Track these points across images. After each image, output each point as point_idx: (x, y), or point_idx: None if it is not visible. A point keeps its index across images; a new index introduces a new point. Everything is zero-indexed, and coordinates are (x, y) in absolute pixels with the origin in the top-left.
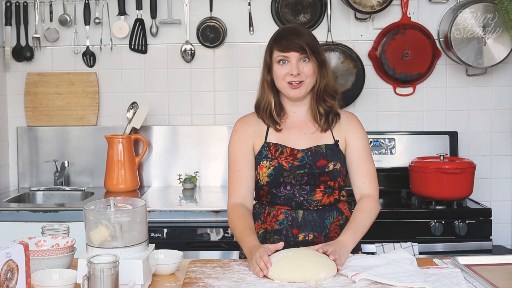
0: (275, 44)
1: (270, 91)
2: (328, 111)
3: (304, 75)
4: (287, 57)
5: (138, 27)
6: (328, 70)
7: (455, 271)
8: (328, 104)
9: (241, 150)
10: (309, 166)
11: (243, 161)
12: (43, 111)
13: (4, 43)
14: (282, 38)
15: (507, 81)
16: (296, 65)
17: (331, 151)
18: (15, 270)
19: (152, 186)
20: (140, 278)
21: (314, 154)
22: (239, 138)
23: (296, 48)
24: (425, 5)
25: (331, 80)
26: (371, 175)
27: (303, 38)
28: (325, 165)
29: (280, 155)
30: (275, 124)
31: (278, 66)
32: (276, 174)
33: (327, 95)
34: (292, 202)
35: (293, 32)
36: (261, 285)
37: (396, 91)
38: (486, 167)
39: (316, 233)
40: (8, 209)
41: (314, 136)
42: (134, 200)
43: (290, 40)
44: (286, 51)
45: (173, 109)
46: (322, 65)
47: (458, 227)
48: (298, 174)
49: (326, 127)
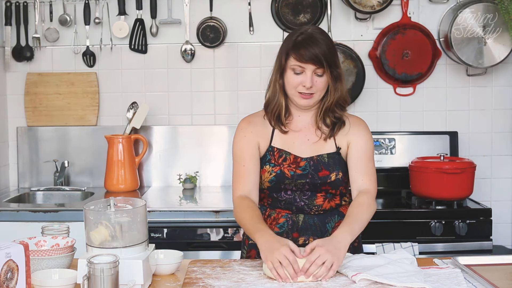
0: (293, 51)
1: (282, 94)
2: (335, 122)
3: (316, 88)
4: (303, 68)
5: (138, 27)
6: (343, 83)
7: (455, 271)
8: (337, 115)
9: (247, 146)
10: (311, 176)
11: (249, 156)
12: (43, 111)
13: (4, 43)
14: (301, 46)
15: (507, 81)
16: (310, 77)
17: (333, 160)
18: (15, 270)
19: (152, 186)
20: (140, 278)
21: (317, 164)
22: (245, 136)
23: (314, 61)
24: (425, 5)
25: (344, 92)
26: (370, 172)
27: (321, 49)
28: (327, 176)
29: (283, 162)
30: (281, 126)
31: (292, 74)
32: (277, 181)
33: (337, 106)
34: (293, 206)
35: (314, 41)
36: (261, 285)
37: (396, 91)
38: (486, 167)
39: (317, 237)
40: (8, 209)
41: (317, 144)
42: (134, 200)
43: (309, 51)
44: (303, 61)
45: (173, 109)
46: (337, 78)
47: (458, 227)
48: (299, 183)
49: (330, 135)
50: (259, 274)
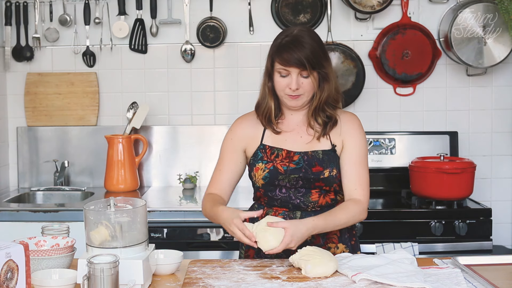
0: (277, 55)
1: (271, 97)
2: (327, 121)
3: (303, 89)
4: (288, 71)
5: (138, 27)
6: (331, 82)
7: (455, 271)
8: (328, 113)
9: (229, 151)
10: (304, 171)
11: (228, 162)
12: (43, 111)
13: (4, 43)
14: (284, 50)
15: (507, 81)
16: (296, 79)
17: (327, 156)
18: (15, 270)
19: (152, 186)
20: (140, 278)
21: (311, 159)
22: (232, 139)
23: (297, 64)
24: (425, 5)
25: (333, 91)
26: (363, 181)
27: (305, 52)
28: (321, 171)
29: (276, 158)
30: (273, 127)
31: (279, 76)
32: (271, 177)
33: (327, 105)
34: (289, 204)
35: (296, 43)
36: (261, 285)
37: (396, 91)
38: (486, 167)
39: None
40: (8, 209)
41: (311, 142)
42: (134, 200)
43: (291, 54)
44: (286, 65)
45: (173, 109)
46: (324, 78)
47: (458, 227)
48: (293, 178)
49: (323, 133)
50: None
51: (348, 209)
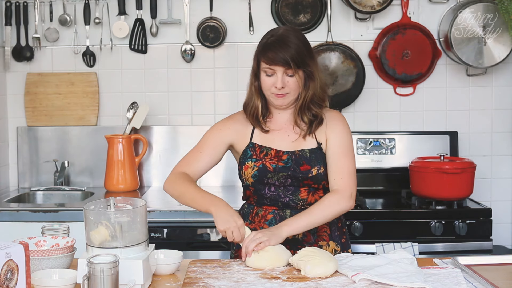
0: (262, 54)
1: (258, 96)
2: (312, 120)
3: (289, 88)
4: (273, 70)
5: (138, 27)
6: (316, 81)
7: (455, 271)
8: (313, 112)
9: (215, 138)
10: (293, 169)
11: (211, 147)
12: (43, 111)
13: (4, 43)
14: (269, 49)
15: (507, 81)
16: (281, 78)
17: (314, 155)
18: (15, 270)
19: (152, 186)
20: (140, 278)
21: (298, 158)
22: (220, 129)
23: (282, 63)
24: (425, 5)
25: (319, 89)
26: (344, 171)
27: (289, 51)
28: (309, 170)
29: (265, 157)
30: (261, 126)
31: (264, 76)
32: (260, 175)
33: (313, 104)
34: (278, 202)
35: (281, 43)
36: (261, 285)
37: (396, 91)
38: (486, 167)
39: (306, 232)
40: (8, 209)
41: (297, 141)
42: (134, 200)
43: (276, 53)
44: (271, 64)
45: (173, 109)
46: (309, 76)
47: (458, 227)
48: (281, 176)
49: (308, 132)
50: (259, 274)
51: (323, 202)
